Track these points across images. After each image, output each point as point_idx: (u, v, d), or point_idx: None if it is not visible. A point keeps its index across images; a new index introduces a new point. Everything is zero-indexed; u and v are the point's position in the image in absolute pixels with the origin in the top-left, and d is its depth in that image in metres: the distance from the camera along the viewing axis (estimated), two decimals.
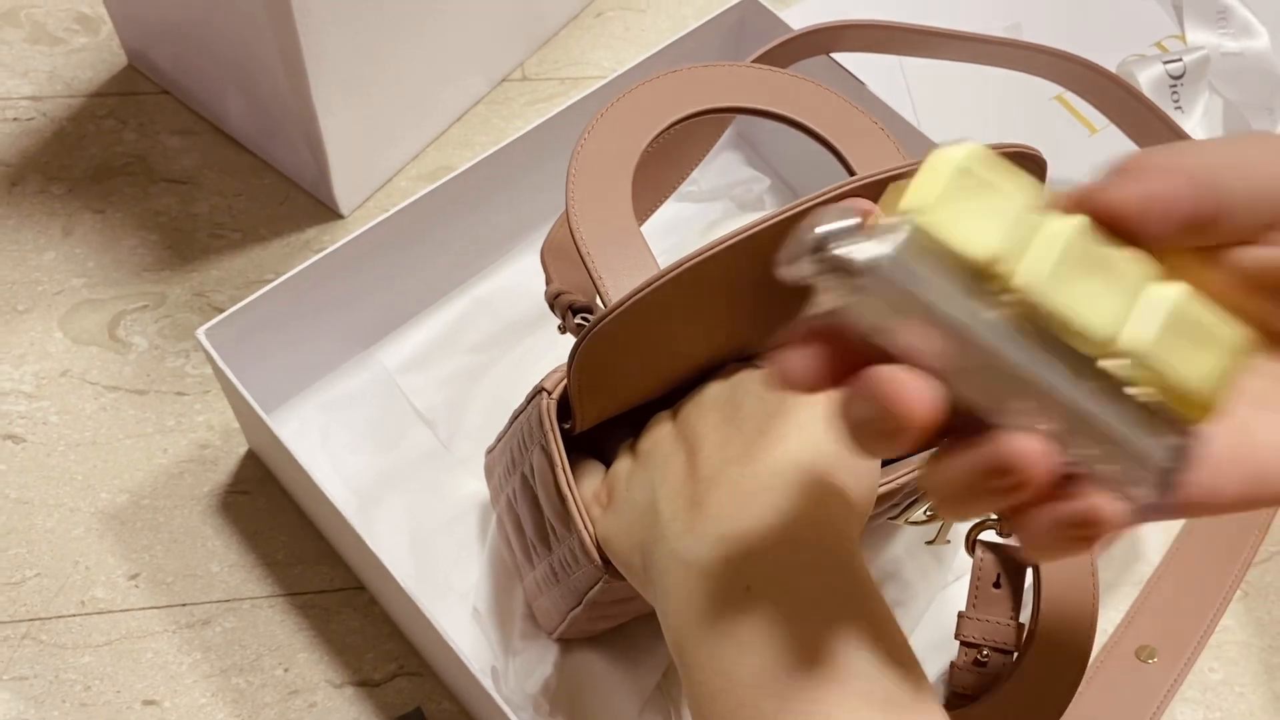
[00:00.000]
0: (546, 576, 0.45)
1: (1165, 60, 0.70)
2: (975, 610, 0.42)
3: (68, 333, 0.60)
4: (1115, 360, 0.23)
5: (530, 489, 0.43)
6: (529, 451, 0.42)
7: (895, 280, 0.23)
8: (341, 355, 0.59)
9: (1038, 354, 0.23)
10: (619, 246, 0.38)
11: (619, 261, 0.39)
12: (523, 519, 0.46)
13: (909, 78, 0.70)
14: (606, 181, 0.39)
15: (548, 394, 0.38)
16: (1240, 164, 0.25)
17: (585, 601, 0.43)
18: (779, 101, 0.42)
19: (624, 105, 0.41)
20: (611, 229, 0.39)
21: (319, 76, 0.57)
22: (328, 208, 0.65)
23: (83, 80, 0.69)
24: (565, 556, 0.42)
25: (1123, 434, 0.24)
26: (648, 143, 0.40)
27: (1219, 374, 0.24)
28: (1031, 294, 0.23)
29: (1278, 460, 0.27)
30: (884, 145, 0.42)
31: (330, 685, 0.53)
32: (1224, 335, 0.24)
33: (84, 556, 0.55)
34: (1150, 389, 0.24)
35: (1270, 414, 0.27)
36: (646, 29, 0.75)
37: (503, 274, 0.62)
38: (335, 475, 0.56)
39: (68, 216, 0.64)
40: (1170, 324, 0.24)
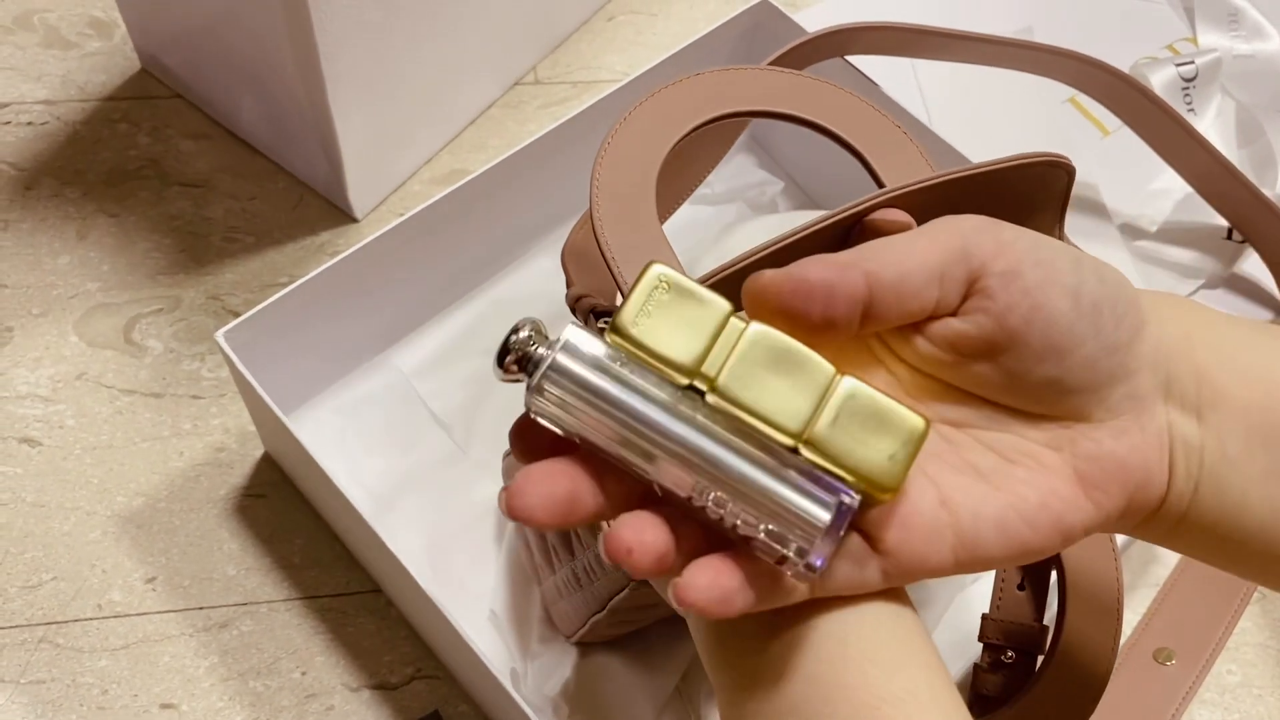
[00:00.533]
0: (568, 581, 0.45)
1: (1177, 63, 0.70)
2: (999, 612, 0.42)
3: (83, 336, 0.61)
4: (804, 447, 0.27)
5: None
6: None
7: (569, 380, 0.27)
8: (357, 359, 0.59)
9: (730, 444, 0.27)
10: (645, 253, 0.38)
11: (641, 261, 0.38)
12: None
13: (922, 81, 0.70)
14: (631, 187, 0.39)
15: None
16: (889, 255, 0.28)
17: (609, 608, 0.43)
18: (802, 105, 0.42)
19: (647, 109, 0.41)
20: (637, 235, 0.39)
21: (335, 80, 0.57)
22: (342, 211, 0.65)
23: (96, 84, 0.69)
24: (590, 562, 0.41)
25: (802, 509, 0.26)
26: (671, 147, 0.40)
27: (895, 457, 0.27)
28: (726, 393, 0.27)
29: (980, 527, 0.28)
30: (908, 149, 0.42)
31: (347, 688, 0.53)
32: (900, 421, 0.27)
33: (101, 560, 0.55)
34: (838, 473, 0.27)
35: (974, 482, 0.29)
36: (658, 33, 0.75)
37: (518, 277, 0.62)
38: (351, 478, 0.56)
39: (82, 220, 0.64)
40: (847, 414, 0.27)
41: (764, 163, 0.69)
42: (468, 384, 0.59)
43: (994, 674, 0.41)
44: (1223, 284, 0.64)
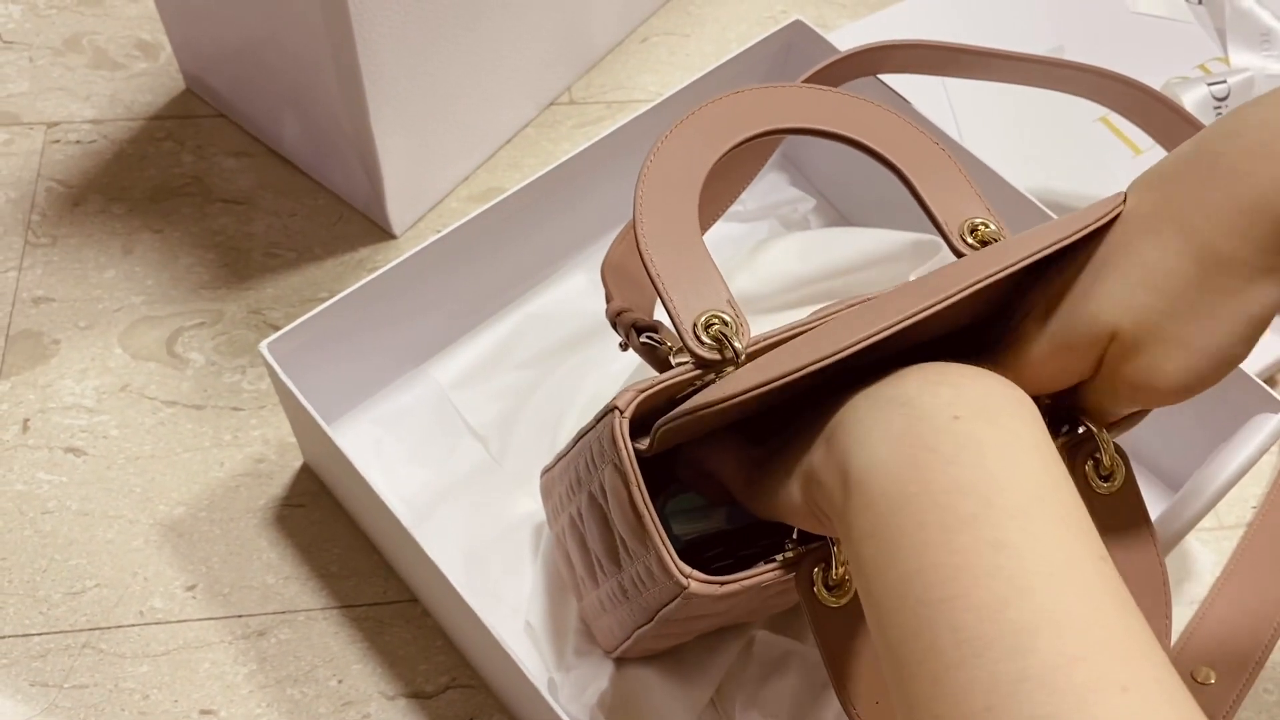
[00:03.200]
0: (614, 594, 0.45)
1: (1209, 82, 0.70)
2: None
3: (127, 349, 0.62)
4: None
5: (598, 507, 0.43)
6: (598, 469, 0.42)
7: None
8: (395, 371, 0.60)
9: None
10: (689, 269, 0.39)
11: (689, 283, 0.39)
12: (588, 538, 0.46)
13: (953, 99, 0.71)
14: (675, 203, 0.40)
15: (620, 413, 0.39)
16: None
17: (658, 618, 0.43)
18: (844, 123, 0.43)
19: (690, 126, 0.42)
20: (681, 253, 0.39)
21: (377, 99, 0.58)
22: (380, 228, 0.66)
23: (142, 104, 0.71)
24: (639, 574, 0.42)
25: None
26: (714, 163, 0.41)
27: None
28: None
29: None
30: (948, 167, 0.43)
31: (383, 697, 0.53)
32: None
33: (143, 568, 0.56)
34: None
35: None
36: (691, 53, 0.76)
37: (553, 291, 0.63)
38: (388, 488, 0.57)
39: (127, 236, 0.65)
40: None
41: (796, 180, 0.69)
42: (503, 396, 0.60)
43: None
44: None
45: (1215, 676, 0.56)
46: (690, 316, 0.38)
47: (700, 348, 0.38)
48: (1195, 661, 0.57)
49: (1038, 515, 0.29)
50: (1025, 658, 0.26)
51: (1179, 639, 0.57)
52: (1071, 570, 0.28)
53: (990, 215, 0.41)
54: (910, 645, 0.28)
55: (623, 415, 0.38)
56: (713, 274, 0.39)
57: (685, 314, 0.38)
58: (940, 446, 0.30)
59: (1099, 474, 0.40)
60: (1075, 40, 0.74)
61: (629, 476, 0.38)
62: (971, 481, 0.29)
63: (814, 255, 0.61)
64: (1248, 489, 0.61)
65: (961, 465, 0.29)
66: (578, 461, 0.43)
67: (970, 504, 0.29)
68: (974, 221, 0.41)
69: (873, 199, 0.66)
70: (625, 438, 0.38)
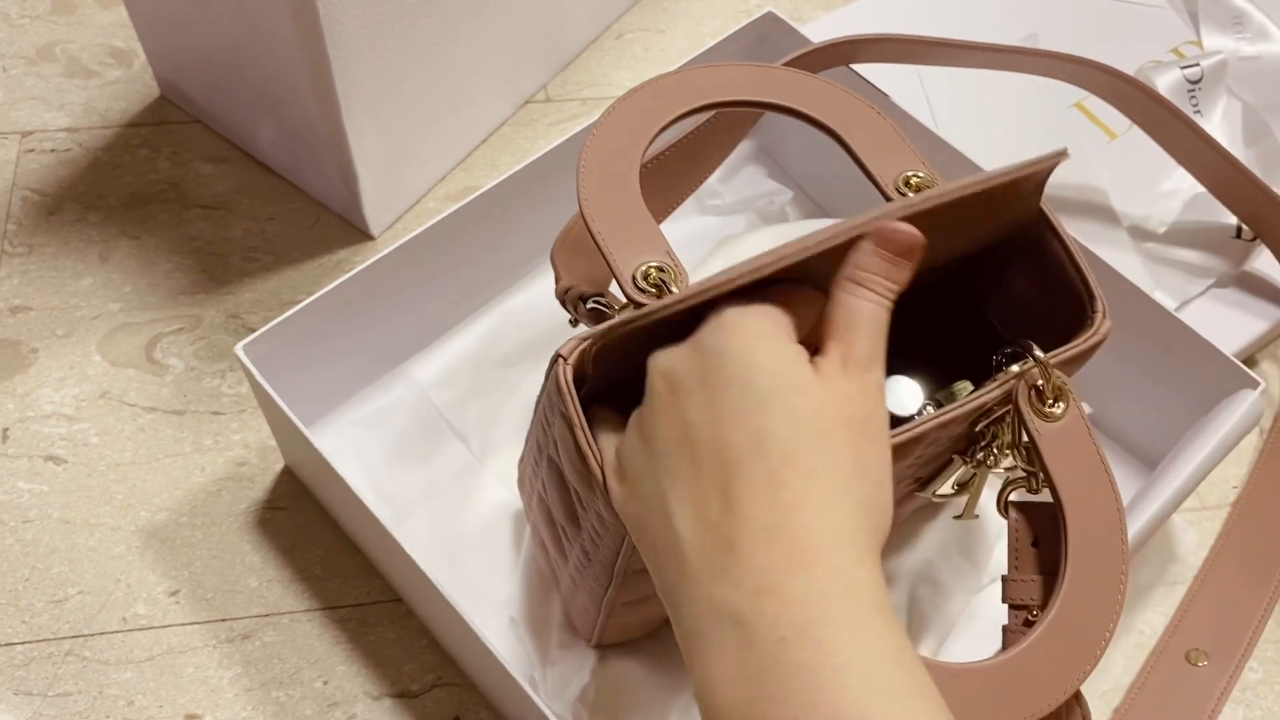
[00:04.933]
0: (579, 563, 0.45)
1: (1182, 65, 0.70)
2: (1018, 572, 0.42)
3: (106, 356, 0.62)
4: None
5: (556, 467, 0.43)
6: (551, 426, 0.42)
7: None
8: (374, 371, 0.60)
9: None
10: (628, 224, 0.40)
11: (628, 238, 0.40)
12: (552, 507, 0.46)
13: (928, 89, 0.71)
14: (617, 165, 0.41)
15: (564, 360, 0.39)
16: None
17: (616, 574, 0.43)
18: (779, 94, 0.44)
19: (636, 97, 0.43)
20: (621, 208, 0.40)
21: (349, 100, 0.58)
22: (358, 229, 0.66)
23: (117, 111, 0.71)
24: (594, 527, 0.42)
25: None
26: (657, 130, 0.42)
27: None
28: None
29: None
30: (882, 127, 0.44)
31: (369, 697, 0.53)
32: None
33: (125, 574, 0.56)
34: None
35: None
36: (666, 49, 0.76)
37: (531, 288, 0.63)
38: (370, 489, 0.57)
39: (104, 243, 0.65)
40: None
41: (773, 173, 0.69)
42: (484, 394, 0.60)
43: (1023, 634, 0.41)
44: (1233, 283, 0.64)
45: (1209, 658, 0.56)
46: (630, 269, 0.38)
47: (639, 295, 0.39)
48: (1187, 644, 0.58)
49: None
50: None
51: (1170, 621, 0.58)
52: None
53: (923, 167, 0.43)
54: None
55: (566, 362, 0.38)
56: (652, 229, 0.40)
57: (625, 267, 0.38)
58: (768, 684, 0.30)
59: (1044, 402, 0.40)
60: (1049, 27, 0.74)
61: (572, 420, 0.38)
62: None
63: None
64: (1229, 470, 0.62)
65: (788, 704, 0.29)
66: (536, 430, 0.43)
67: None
68: (907, 174, 0.42)
69: (850, 190, 0.66)
70: (569, 383, 0.38)
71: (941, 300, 0.46)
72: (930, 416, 0.40)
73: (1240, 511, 0.61)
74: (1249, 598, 0.58)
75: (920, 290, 0.41)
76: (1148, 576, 0.59)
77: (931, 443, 0.44)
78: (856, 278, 0.35)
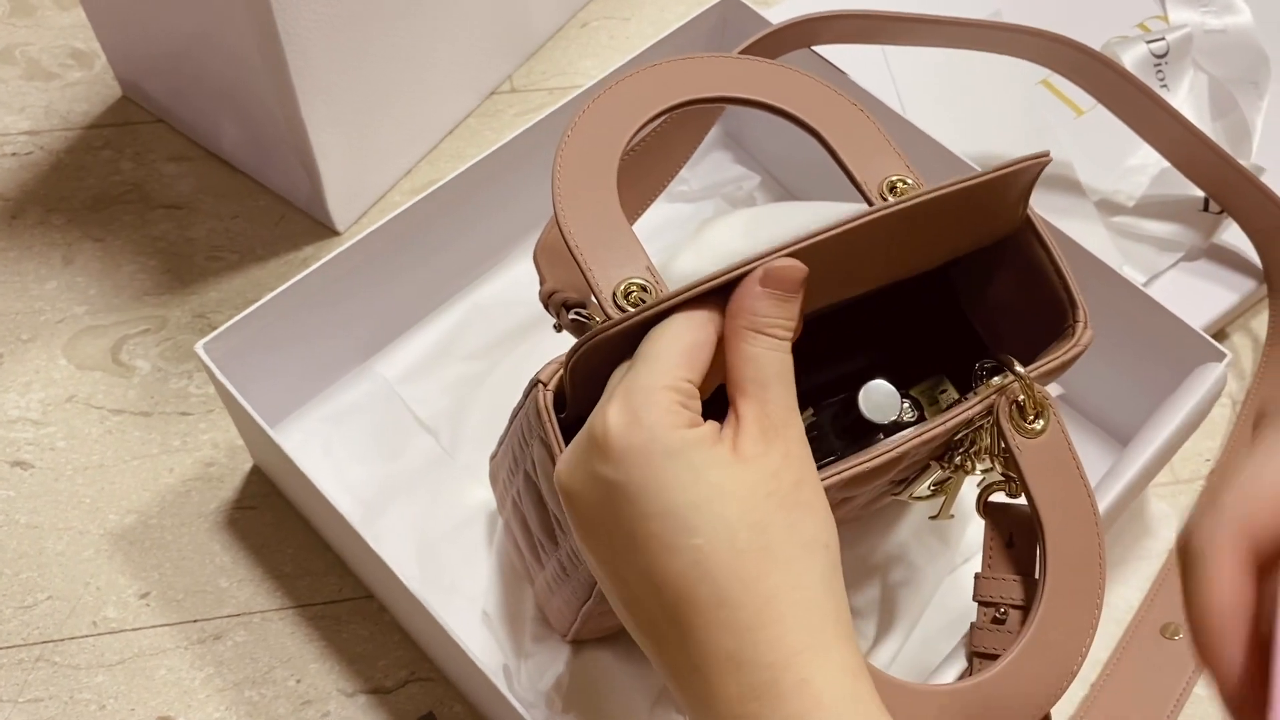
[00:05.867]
0: (556, 574, 0.45)
1: (1148, 40, 0.70)
2: (991, 570, 0.42)
3: (71, 359, 0.61)
4: None
5: (534, 485, 0.43)
6: (529, 447, 0.42)
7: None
8: (342, 368, 0.60)
9: None
10: (607, 239, 0.39)
11: (607, 253, 0.39)
12: (529, 518, 0.46)
13: (894, 69, 0.71)
14: (592, 174, 0.39)
15: (544, 386, 0.39)
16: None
17: (595, 594, 0.43)
18: (758, 89, 0.42)
19: (607, 99, 0.41)
20: (599, 221, 0.39)
21: (307, 95, 0.58)
22: (324, 225, 0.66)
23: (79, 113, 0.70)
24: (573, 548, 0.42)
25: None
26: (632, 134, 0.41)
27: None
28: None
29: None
30: (866, 128, 0.43)
31: (343, 694, 0.53)
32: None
33: (94, 578, 0.55)
34: None
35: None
36: (631, 36, 0.76)
37: (499, 280, 0.63)
38: (339, 486, 0.56)
39: (68, 246, 0.65)
40: None
41: (740, 158, 0.69)
42: (452, 388, 0.59)
43: (990, 631, 0.41)
44: (1202, 255, 0.64)
45: (1183, 632, 0.56)
46: (609, 286, 0.37)
47: (620, 315, 0.38)
48: (1163, 618, 0.58)
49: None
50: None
51: (1145, 596, 0.58)
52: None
53: (910, 172, 0.41)
54: None
55: (545, 388, 0.38)
56: (632, 243, 0.38)
57: (605, 284, 0.37)
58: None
59: (1024, 418, 0.40)
60: (1012, 3, 0.74)
61: (552, 449, 0.37)
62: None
63: (759, 231, 0.61)
64: (1201, 443, 0.62)
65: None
66: (513, 442, 0.43)
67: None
68: (893, 179, 0.41)
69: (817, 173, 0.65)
70: (549, 410, 0.37)
71: (918, 293, 0.45)
72: (911, 436, 0.40)
73: (1213, 485, 0.61)
74: None
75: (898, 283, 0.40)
76: (1122, 552, 0.59)
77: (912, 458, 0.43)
78: (756, 325, 0.33)
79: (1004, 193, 0.39)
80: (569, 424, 0.39)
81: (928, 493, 0.45)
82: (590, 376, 0.37)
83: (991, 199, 0.39)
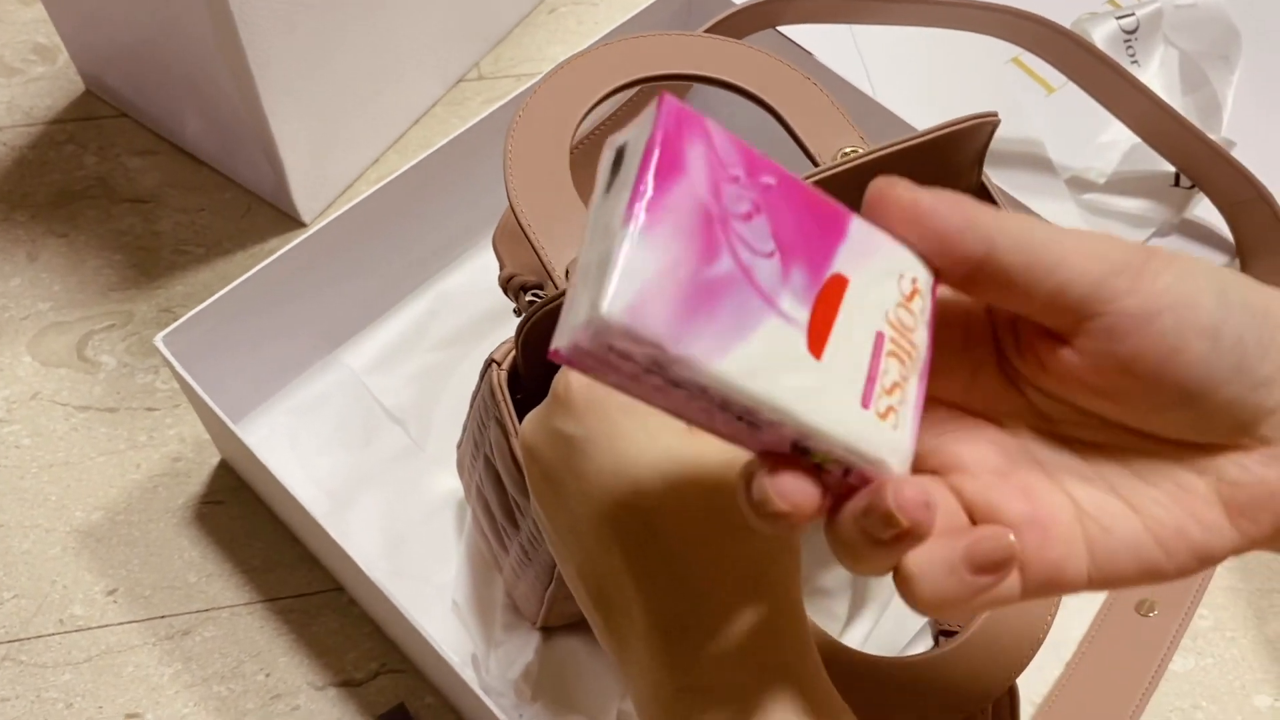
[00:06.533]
0: (520, 559, 0.45)
1: (1118, 16, 0.69)
2: None
3: (36, 356, 0.61)
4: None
5: (492, 468, 0.43)
6: (487, 429, 0.42)
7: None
8: (307, 359, 0.59)
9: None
10: (560, 215, 0.38)
11: (560, 229, 0.39)
12: (491, 503, 0.46)
13: (863, 50, 0.70)
14: (544, 153, 0.39)
15: (498, 365, 0.38)
16: (1016, 230, 0.25)
17: (556, 577, 0.43)
18: (710, 66, 0.42)
19: (558, 79, 0.41)
20: (551, 199, 0.39)
21: (268, 86, 0.57)
22: (290, 217, 0.65)
23: (42, 108, 0.69)
24: (532, 530, 0.41)
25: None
26: (584, 113, 0.40)
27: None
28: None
29: (1114, 546, 0.26)
30: (819, 100, 0.42)
31: (312, 687, 0.52)
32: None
33: (61, 575, 0.55)
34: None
35: (1110, 500, 0.27)
36: (600, 21, 0.75)
37: (465, 269, 0.62)
38: (307, 478, 0.56)
39: (31, 242, 0.64)
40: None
41: None
42: (420, 379, 0.59)
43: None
44: (1174, 231, 0.64)
45: (1158, 608, 0.56)
46: (564, 263, 0.37)
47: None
48: (1138, 594, 0.57)
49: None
50: None
51: None
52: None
53: (863, 142, 0.41)
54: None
55: (500, 367, 0.38)
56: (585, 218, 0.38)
57: (558, 260, 0.37)
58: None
59: None
60: None
61: (507, 427, 0.37)
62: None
63: None
64: None
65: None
66: (473, 426, 0.43)
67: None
68: (845, 150, 0.41)
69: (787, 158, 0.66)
70: (503, 389, 0.37)
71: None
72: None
73: None
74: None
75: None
76: None
77: None
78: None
79: (952, 155, 0.39)
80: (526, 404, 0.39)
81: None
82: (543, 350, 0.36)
83: (941, 162, 0.39)
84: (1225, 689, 0.54)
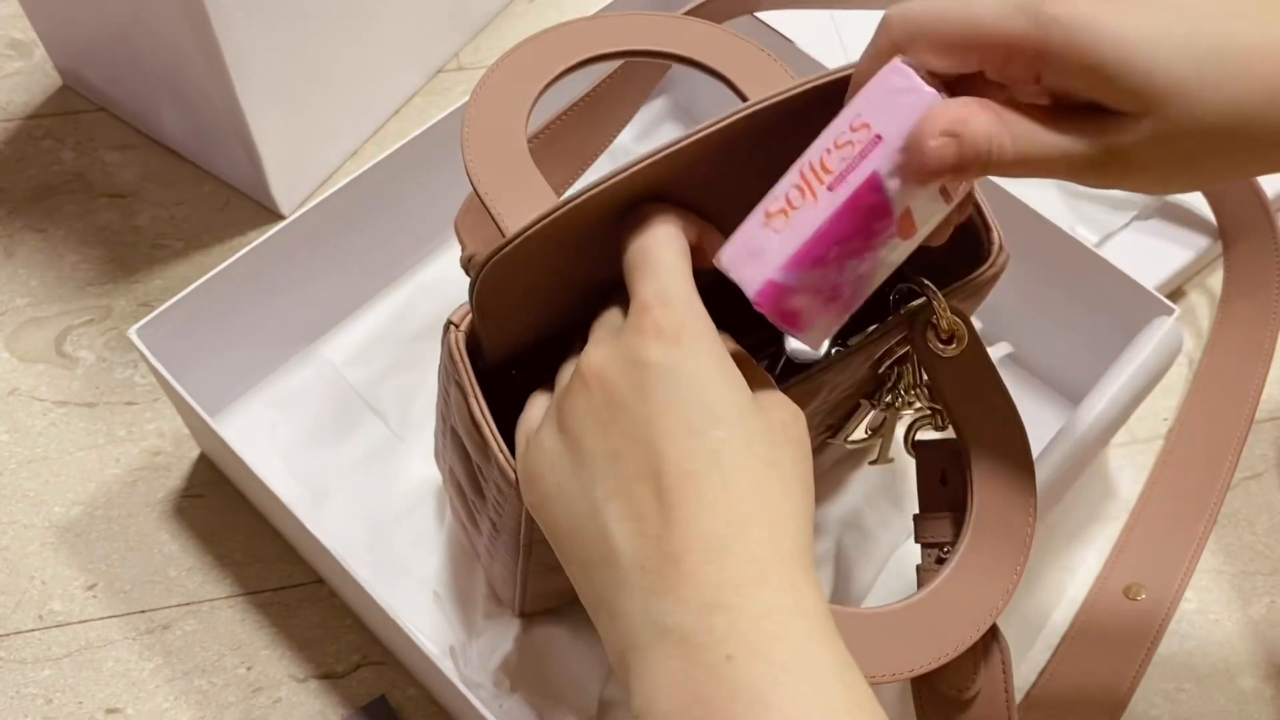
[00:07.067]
0: (490, 534, 0.44)
1: None
2: (928, 510, 0.42)
3: (14, 352, 0.60)
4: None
5: (456, 438, 0.43)
6: (449, 395, 0.41)
7: None
8: (286, 352, 0.59)
9: None
10: (516, 182, 0.38)
11: (517, 196, 0.39)
12: (460, 478, 0.45)
13: (842, 35, 0.70)
14: (500, 126, 0.39)
15: (455, 327, 0.38)
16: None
17: (522, 544, 0.42)
18: (668, 41, 0.42)
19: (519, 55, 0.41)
20: (508, 168, 0.39)
21: (243, 78, 0.57)
22: (269, 210, 0.65)
23: (19, 104, 0.69)
24: (495, 498, 0.41)
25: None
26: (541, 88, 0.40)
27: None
28: None
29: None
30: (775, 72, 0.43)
31: (294, 680, 0.52)
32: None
33: (40, 571, 0.54)
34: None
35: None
36: (580, 9, 0.75)
37: (443, 260, 0.62)
38: (287, 471, 0.56)
39: (9, 238, 0.64)
40: None
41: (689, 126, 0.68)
42: (399, 370, 0.59)
43: (936, 572, 0.41)
44: (1156, 214, 0.63)
45: (1146, 591, 0.56)
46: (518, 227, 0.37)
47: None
48: (1126, 578, 0.57)
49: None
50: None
51: (1108, 557, 0.57)
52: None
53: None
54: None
55: (458, 329, 0.37)
56: (540, 186, 0.38)
57: (514, 227, 0.37)
58: (714, 703, 0.29)
59: (939, 338, 0.40)
60: None
61: (465, 388, 0.37)
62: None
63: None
64: (1159, 402, 0.61)
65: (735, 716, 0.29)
66: (440, 400, 0.43)
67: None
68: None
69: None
70: (460, 350, 0.37)
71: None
72: (824, 363, 0.40)
73: (1172, 443, 0.60)
74: (1184, 528, 0.57)
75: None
76: (1084, 514, 0.58)
77: (834, 388, 0.43)
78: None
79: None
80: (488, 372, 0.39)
81: (865, 435, 0.45)
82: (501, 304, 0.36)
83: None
84: (1209, 671, 0.54)
